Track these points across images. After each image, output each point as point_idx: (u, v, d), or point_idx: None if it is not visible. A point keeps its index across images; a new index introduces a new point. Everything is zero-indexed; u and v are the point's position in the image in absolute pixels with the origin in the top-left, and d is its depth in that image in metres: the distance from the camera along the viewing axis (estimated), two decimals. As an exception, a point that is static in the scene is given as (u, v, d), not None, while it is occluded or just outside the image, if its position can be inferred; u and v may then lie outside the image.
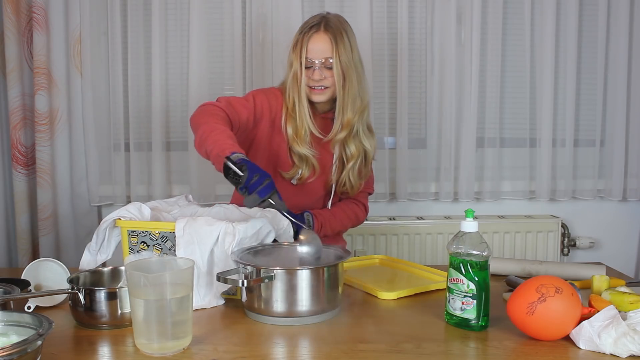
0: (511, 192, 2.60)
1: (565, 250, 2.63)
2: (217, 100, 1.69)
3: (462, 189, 2.54)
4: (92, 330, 1.25)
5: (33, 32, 2.36)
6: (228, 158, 1.42)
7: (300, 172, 1.76)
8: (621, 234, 2.66)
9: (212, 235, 1.38)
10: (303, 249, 1.43)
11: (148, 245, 1.45)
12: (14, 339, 1.05)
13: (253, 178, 1.38)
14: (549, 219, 2.58)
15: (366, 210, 1.98)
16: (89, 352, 1.16)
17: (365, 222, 2.48)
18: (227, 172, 1.42)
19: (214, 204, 1.65)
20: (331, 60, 1.69)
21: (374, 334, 1.24)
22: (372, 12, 2.45)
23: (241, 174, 1.38)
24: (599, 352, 1.12)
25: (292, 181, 1.78)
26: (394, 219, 2.55)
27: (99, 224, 1.49)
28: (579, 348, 1.14)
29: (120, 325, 1.26)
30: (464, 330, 1.24)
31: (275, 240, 1.49)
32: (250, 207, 1.41)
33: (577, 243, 2.62)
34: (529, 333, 1.19)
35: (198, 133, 1.55)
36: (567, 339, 1.17)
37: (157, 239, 1.44)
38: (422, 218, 2.56)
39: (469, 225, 1.25)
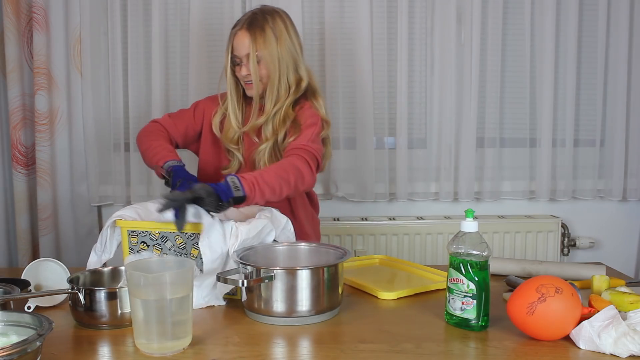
0: (511, 192, 2.60)
1: (565, 250, 2.63)
2: (162, 117, 1.92)
3: (462, 189, 2.54)
4: (92, 330, 1.25)
5: (33, 32, 2.36)
6: (161, 167, 1.65)
7: (234, 165, 1.83)
8: (621, 234, 2.66)
9: (225, 239, 1.40)
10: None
11: (148, 245, 1.45)
12: (14, 339, 1.05)
13: (177, 183, 1.57)
14: (549, 219, 2.58)
15: (310, 167, 1.65)
16: (89, 352, 1.16)
17: (365, 222, 2.51)
18: (165, 181, 1.66)
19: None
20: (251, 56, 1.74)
21: (374, 334, 1.24)
22: (372, 12, 2.44)
23: (168, 179, 1.62)
24: (599, 352, 1.12)
25: None
26: (394, 219, 2.55)
27: (100, 224, 1.49)
28: (579, 348, 1.14)
29: (120, 325, 1.26)
30: (464, 330, 1.25)
31: (275, 240, 1.49)
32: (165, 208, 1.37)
33: (577, 243, 2.62)
34: (529, 333, 1.19)
35: (141, 151, 1.80)
36: (567, 339, 1.17)
37: (157, 239, 1.44)
38: (422, 218, 2.56)
39: (469, 225, 1.25)
